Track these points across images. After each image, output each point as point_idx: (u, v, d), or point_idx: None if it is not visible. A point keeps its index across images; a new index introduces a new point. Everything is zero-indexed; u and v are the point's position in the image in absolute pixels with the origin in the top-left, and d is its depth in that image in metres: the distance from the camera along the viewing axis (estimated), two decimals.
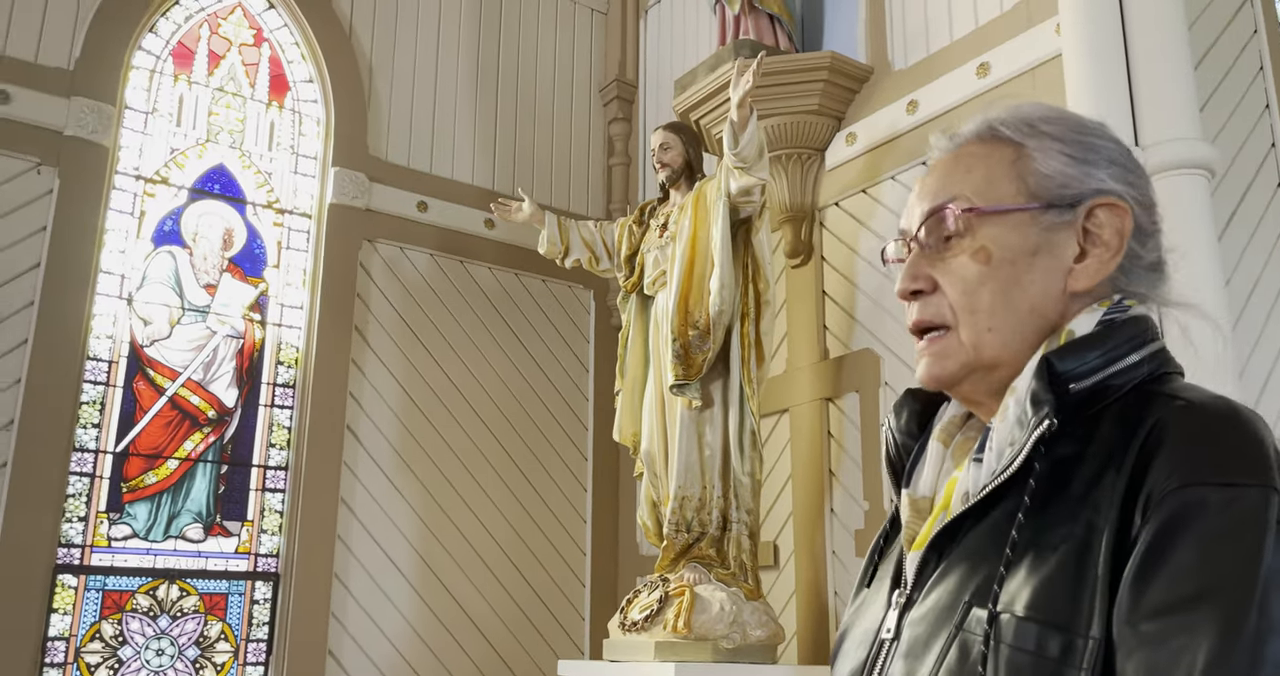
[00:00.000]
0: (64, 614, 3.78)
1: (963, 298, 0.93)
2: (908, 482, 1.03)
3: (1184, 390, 0.87)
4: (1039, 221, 0.93)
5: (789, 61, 4.29)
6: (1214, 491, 0.75)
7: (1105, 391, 0.87)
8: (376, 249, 4.78)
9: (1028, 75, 3.71)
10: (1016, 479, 0.86)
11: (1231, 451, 0.78)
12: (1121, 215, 0.93)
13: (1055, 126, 0.97)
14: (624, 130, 5.68)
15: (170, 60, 4.60)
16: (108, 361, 4.10)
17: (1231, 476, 0.75)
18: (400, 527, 4.51)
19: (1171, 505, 0.75)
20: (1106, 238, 0.93)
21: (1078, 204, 0.94)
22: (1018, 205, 0.93)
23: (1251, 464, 0.76)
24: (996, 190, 0.95)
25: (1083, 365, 0.87)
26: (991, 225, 0.94)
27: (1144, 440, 0.81)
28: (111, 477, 3.99)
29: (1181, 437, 0.79)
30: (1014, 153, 0.96)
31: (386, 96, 5.00)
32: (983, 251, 0.93)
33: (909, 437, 1.06)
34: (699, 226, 3.91)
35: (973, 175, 0.96)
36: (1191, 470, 0.76)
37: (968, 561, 0.87)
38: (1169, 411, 0.82)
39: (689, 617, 3.48)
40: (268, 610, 4.19)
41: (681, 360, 3.74)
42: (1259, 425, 0.80)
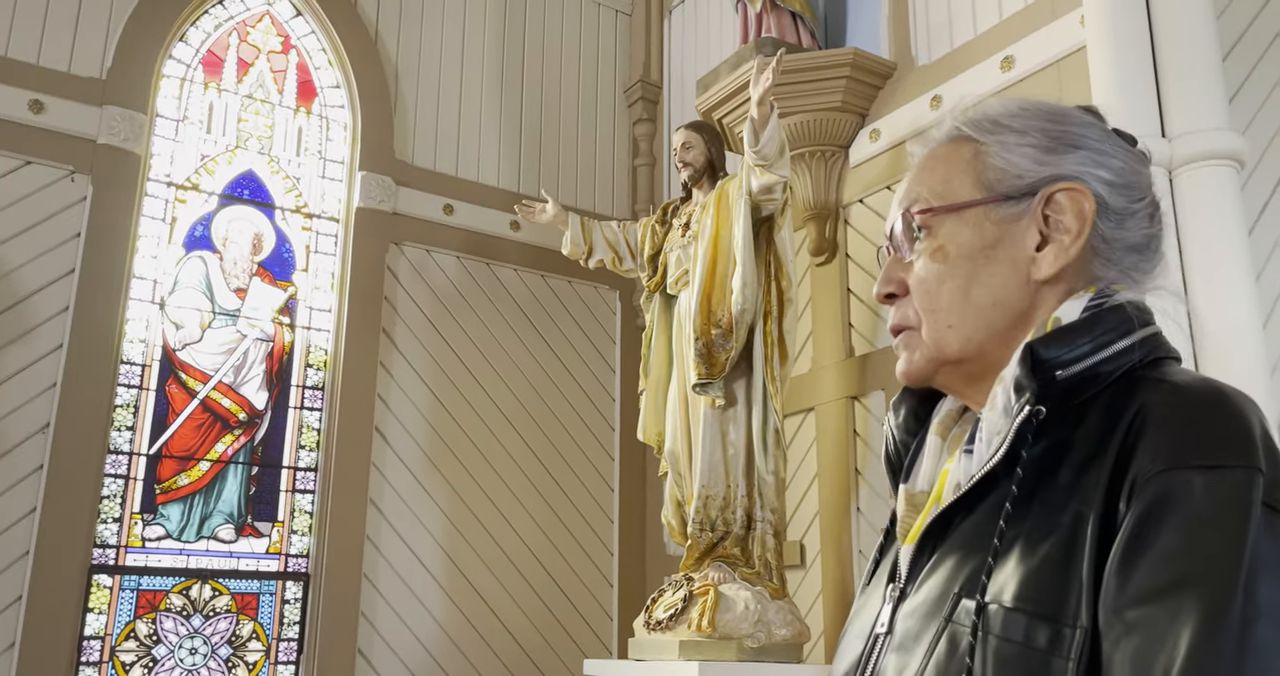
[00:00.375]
0: (99, 613, 3.86)
1: (924, 298, 0.95)
2: (906, 478, 1.03)
3: (1171, 374, 0.86)
4: (992, 214, 0.93)
5: (811, 58, 4.27)
6: (1197, 474, 0.74)
7: (1095, 378, 0.86)
8: (403, 252, 4.83)
9: (1052, 68, 3.67)
10: (1005, 469, 0.85)
11: (1215, 433, 0.77)
12: (1080, 197, 0.92)
13: (1019, 120, 0.97)
14: (648, 131, 5.68)
15: (200, 68, 4.67)
16: (141, 365, 4.17)
17: (1215, 458, 0.74)
18: (428, 528, 4.54)
19: (1155, 489, 0.74)
20: (1067, 223, 0.92)
21: (1034, 193, 0.93)
22: (969, 200, 0.94)
23: (1236, 445, 0.75)
24: (952, 189, 0.95)
25: (1069, 352, 0.86)
26: (948, 223, 0.94)
27: (1128, 425, 0.80)
28: (145, 479, 4.07)
29: (1165, 421, 0.78)
30: (972, 150, 0.96)
31: (412, 100, 5.04)
32: (940, 250, 0.94)
33: (907, 434, 1.06)
34: (721, 225, 3.90)
35: (933, 176, 0.97)
36: (1175, 453, 0.75)
37: (958, 553, 0.87)
38: (1153, 395, 0.81)
39: (713, 616, 3.47)
40: (298, 609, 4.24)
41: (704, 359, 3.74)
42: (1245, 406, 0.79)
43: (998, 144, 0.95)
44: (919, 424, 1.05)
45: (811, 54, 4.31)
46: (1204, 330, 2.94)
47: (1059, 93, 3.62)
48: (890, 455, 1.07)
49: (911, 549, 0.93)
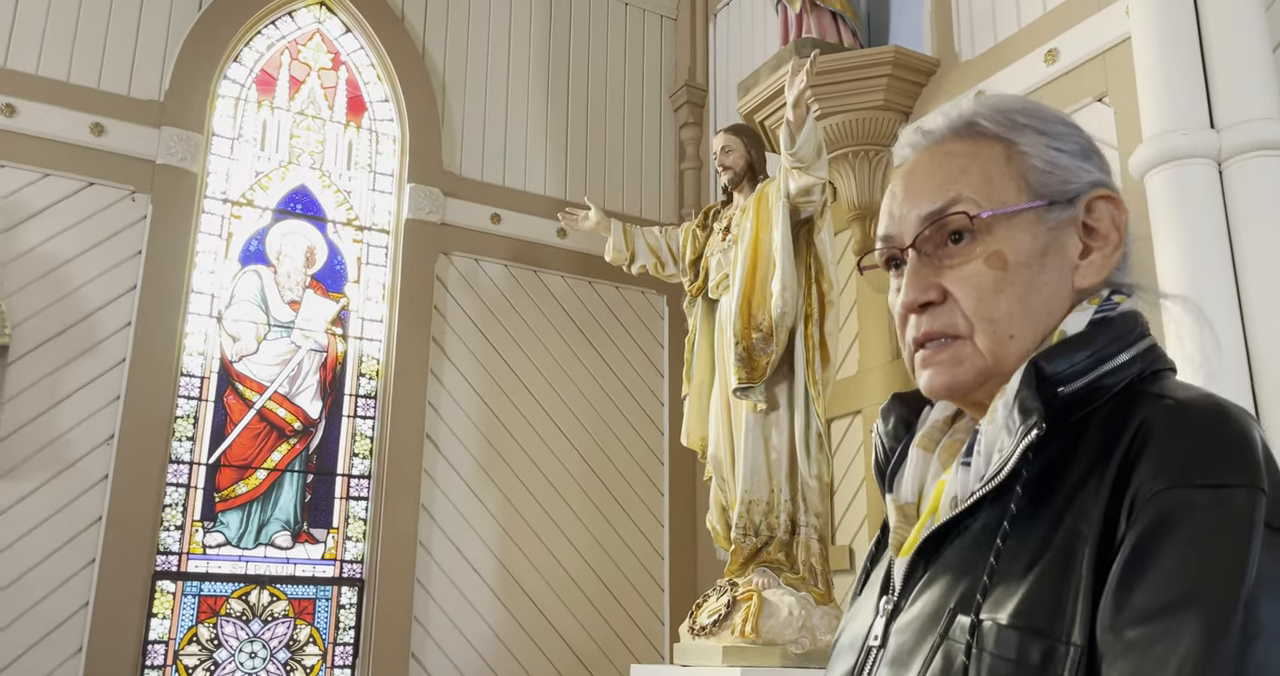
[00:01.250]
0: (163, 618, 4.00)
1: (980, 306, 0.89)
2: (890, 488, 1.01)
3: (1173, 389, 0.84)
4: (1045, 220, 0.90)
5: (852, 58, 4.24)
6: (1200, 493, 0.72)
7: (1096, 392, 0.84)
8: (452, 261, 4.90)
9: (1097, 60, 3.58)
10: (1004, 485, 0.84)
11: (1218, 451, 0.75)
12: (1118, 207, 0.91)
13: (1033, 118, 0.94)
14: (695, 134, 5.68)
15: (254, 87, 4.81)
16: (200, 377, 4.31)
17: (1217, 477, 0.73)
18: (479, 533, 4.61)
19: (1156, 507, 0.73)
20: (1105, 231, 0.91)
21: (1077, 198, 0.91)
22: (1025, 204, 0.90)
23: (1238, 463, 0.74)
24: (998, 190, 0.91)
25: (1071, 367, 0.85)
26: (1003, 227, 0.90)
27: (1129, 441, 0.78)
28: (205, 488, 4.20)
29: (1167, 438, 0.77)
30: (1004, 149, 0.93)
31: (459, 112, 5.12)
32: (997, 256, 0.89)
33: (895, 441, 1.04)
34: (760, 228, 3.88)
35: (969, 175, 0.92)
36: (1177, 471, 0.74)
37: (954, 568, 0.86)
38: (1155, 411, 0.80)
39: (756, 622, 3.46)
40: (354, 614, 4.34)
41: (745, 363, 3.72)
42: (1247, 423, 0.78)
43: (1029, 144, 0.92)
44: (907, 431, 1.03)
45: (852, 53, 4.27)
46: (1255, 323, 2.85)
47: (1104, 85, 3.54)
48: (879, 462, 1.05)
49: (906, 561, 0.92)
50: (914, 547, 0.91)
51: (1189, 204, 3.00)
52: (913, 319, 0.94)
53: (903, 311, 0.95)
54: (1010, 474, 0.83)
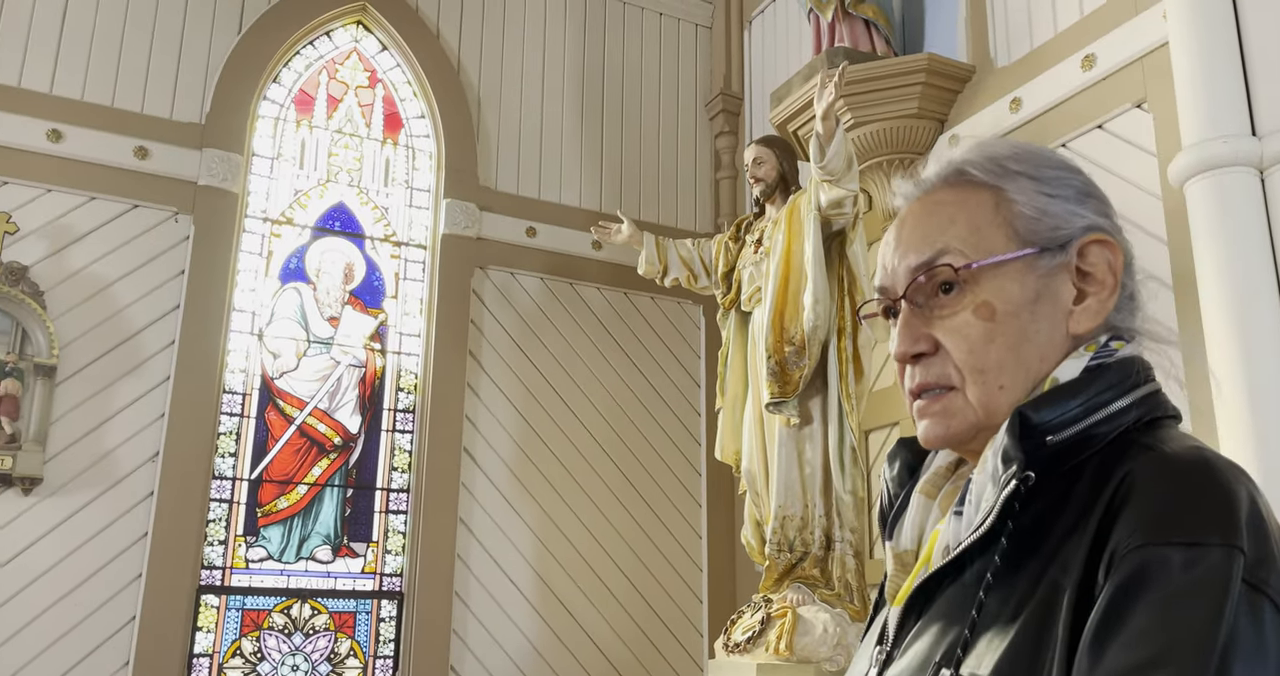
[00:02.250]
0: (207, 632, 4.07)
1: (970, 357, 0.89)
2: (891, 535, 1.00)
3: (1164, 440, 0.82)
4: (1036, 267, 0.89)
5: (884, 66, 4.19)
6: (1176, 550, 0.71)
7: (1089, 441, 0.83)
8: (488, 275, 4.94)
9: (1135, 65, 3.51)
10: (991, 536, 0.83)
11: (1197, 507, 0.74)
12: (1112, 250, 0.90)
13: (1024, 164, 0.93)
14: (730, 143, 5.66)
15: (292, 107, 4.89)
16: (241, 394, 4.39)
17: (1195, 535, 0.71)
18: (517, 546, 4.63)
19: (1132, 564, 0.72)
20: (1100, 275, 0.90)
21: (1068, 244, 0.90)
22: (1013, 253, 0.89)
23: (1217, 521, 0.72)
24: (986, 239, 0.90)
25: (1061, 415, 0.83)
26: (990, 277, 0.89)
27: (1112, 494, 0.77)
28: (247, 503, 4.28)
29: (1147, 492, 0.76)
30: (992, 196, 0.92)
31: (495, 126, 5.16)
32: (985, 306, 0.88)
33: (900, 487, 1.03)
34: (792, 241, 3.86)
35: (957, 225, 0.92)
36: (1155, 527, 0.73)
37: (941, 620, 0.86)
38: (1140, 463, 0.78)
39: (791, 639, 3.44)
40: (393, 627, 4.38)
41: (777, 377, 3.70)
42: (1231, 478, 0.76)
43: (1018, 190, 0.91)
44: (911, 476, 1.02)
45: (884, 61, 4.22)
46: None
47: (1143, 91, 3.46)
48: (883, 507, 1.04)
49: (899, 611, 0.92)
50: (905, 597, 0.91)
51: (1230, 214, 2.92)
52: (908, 369, 0.93)
53: (897, 363, 0.95)
54: (994, 525, 0.82)
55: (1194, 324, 3.02)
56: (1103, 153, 3.57)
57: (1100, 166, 3.56)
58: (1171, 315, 3.19)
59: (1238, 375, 2.79)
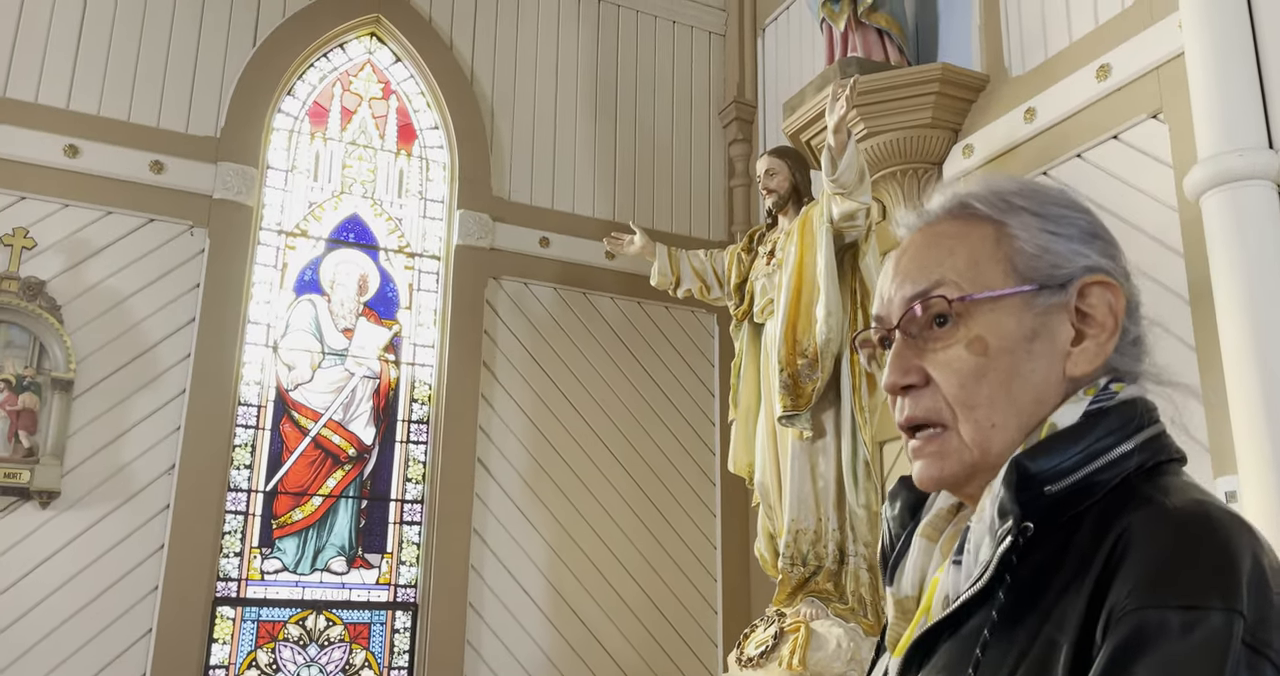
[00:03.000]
0: (223, 643, 4.10)
1: (960, 392, 0.87)
2: (891, 580, 0.99)
3: (1164, 489, 0.80)
4: (1033, 305, 0.88)
5: (897, 76, 4.17)
6: (1174, 614, 0.69)
7: (1090, 489, 0.81)
8: (502, 286, 4.95)
9: (1151, 76, 3.47)
10: (988, 591, 0.82)
11: (1196, 568, 0.72)
12: (1114, 292, 0.88)
13: (1029, 200, 0.92)
14: (744, 151, 5.65)
15: (306, 119, 4.91)
16: (256, 406, 4.41)
17: (1193, 597, 0.70)
18: (531, 556, 4.63)
19: (1130, 626, 0.70)
20: (1100, 317, 0.88)
21: (1068, 283, 0.88)
22: (1010, 289, 0.88)
23: (1217, 583, 0.71)
24: (984, 273, 0.89)
25: (1061, 463, 0.81)
26: (985, 312, 0.87)
27: (1110, 550, 0.76)
28: (262, 515, 4.30)
29: (1145, 548, 0.74)
30: (994, 231, 0.90)
31: (508, 137, 5.16)
32: (979, 341, 0.87)
33: (902, 528, 1.02)
34: (805, 253, 3.85)
35: (955, 258, 0.90)
36: (1153, 589, 0.71)
37: (942, 673, 0.84)
38: (1138, 517, 0.77)
39: (804, 654, 3.42)
40: (408, 638, 4.40)
41: (790, 390, 3.69)
42: (1233, 536, 0.74)
43: (1021, 226, 0.90)
44: (913, 517, 1.00)
45: (897, 71, 4.20)
46: None
47: (1159, 102, 3.42)
48: (885, 551, 1.03)
49: (899, 663, 0.91)
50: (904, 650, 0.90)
51: (1246, 228, 2.89)
52: (898, 401, 0.92)
53: (887, 394, 0.93)
54: (990, 580, 0.81)
55: (1210, 337, 2.99)
56: (1118, 164, 3.54)
57: (1116, 177, 3.53)
58: (1188, 329, 3.16)
59: (1254, 388, 2.76)
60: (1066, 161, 3.73)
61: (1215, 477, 3.00)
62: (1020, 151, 3.94)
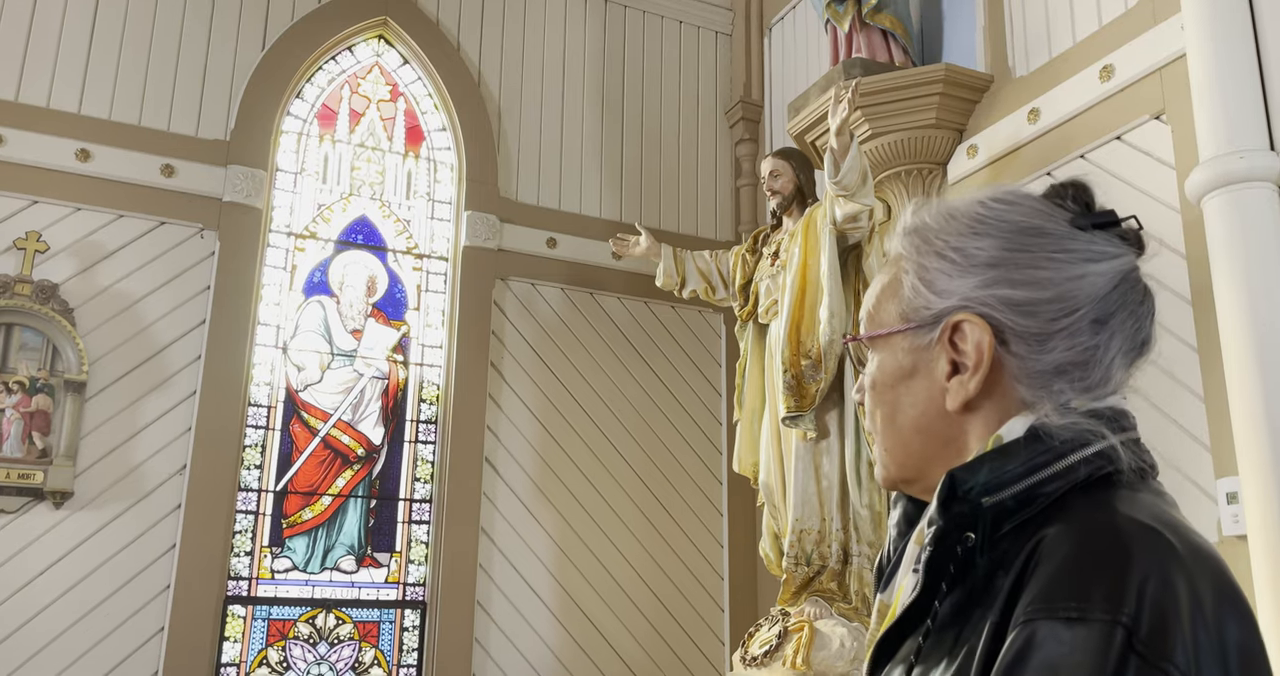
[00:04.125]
0: (234, 642, 4.15)
1: (868, 419, 0.98)
2: (884, 586, 1.02)
3: (1094, 503, 0.81)
4: (909, 343, 0.92)
5: (901, 77, 4.18)
6: (1061, 625, 0.71)
7: (1034, 499, 0.82)
8: (509, 286, 4.98)
9: (1154, 76, 3.47)
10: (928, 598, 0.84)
11: (1087, 577, 0.73)
12: (979, 329, 0.87)
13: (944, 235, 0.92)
14: (751, 150, 5.66)
15: (315, 122, 4.95)
16: (266, 407, 4.46)
17: (1081, 609, 0.71)
18: (538, 555, 4.67)
19: (1021, 636, 0.73)
20: (967, 352, 0.88)
21: (938, 322, 0.90)
22: (893, 328, 0.93)
23: (1104, 593, 0.72)
24: (882, 313, 0.95)
25: (997, 476, 0.83)
26: (880, 349, 0.95)
27: (1024, 560, 0.78)
28: (273, 514, 4.35)
29: (1049, 559, 0.76)
30: (900, 271, 0.94)
31: (515, 138, 5.19)
32: (870, 376, 0.96)
33: (901, 536, 1.04)
34: (809, 254, 3.87)
35: (871, 297, 0.98)
36: (1045, 598, 0.73)
37: None
38: (1056, 529, 0.79)
39: (808, 653, 3.45)
40: (417, 636, 4.44)
41: (794, 391, 3.71)
42: (1135, 546, 0.74)
43: (915, 266, 0.92)
44: (910, 526, 1.03)
45: (901, 72, 4.21)
46: None
47: (1161, 103, 3.43)
48: (882, 560, 1.06)
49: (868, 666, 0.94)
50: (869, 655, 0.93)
51: (1248, 230, 2.89)
52: None
53: None
54: (923, 588, 0.83)
55: (1212, 338, 3.00)
56: (1121, 165, 3.54)
57: (1119, 178, 3.53)
58: (1190, 330, 3.16)
59: (1255, 390, 2.77)
60: (1070, 162, 3.74)
61: (1216, 478, 3.01)
62: (1024, 152, 3.94)
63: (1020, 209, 0.92)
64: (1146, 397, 1.02)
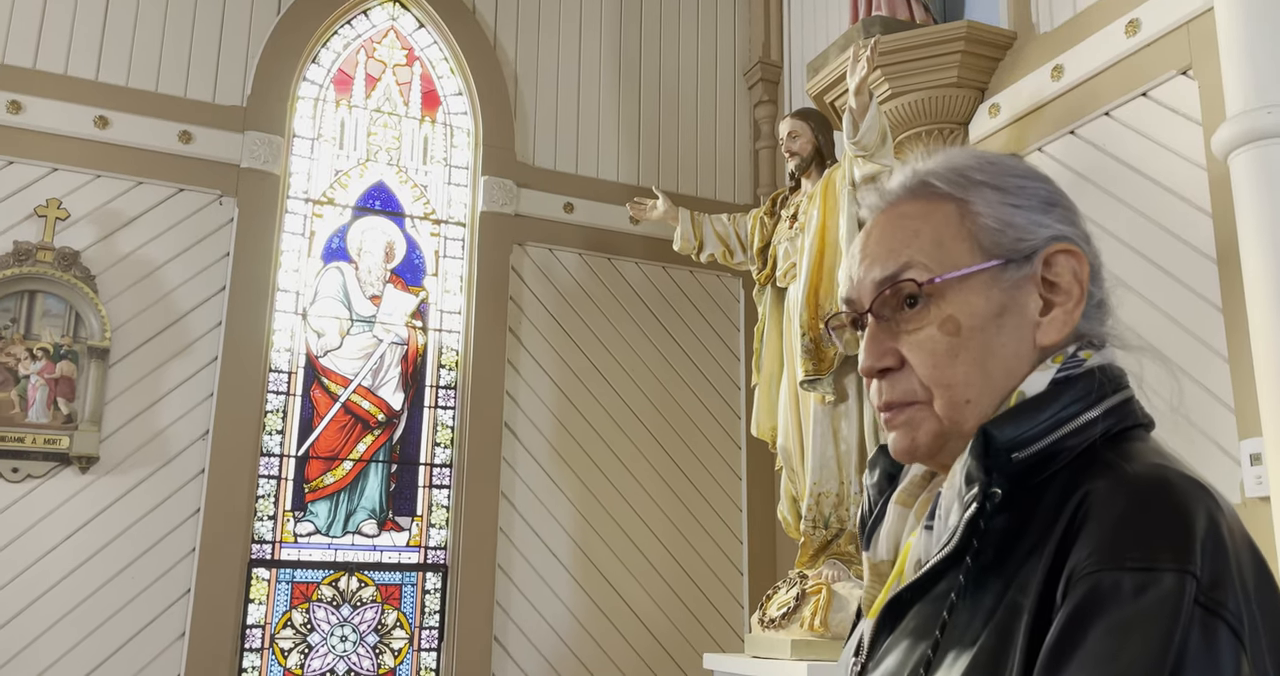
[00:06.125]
0: (259, 604, 4.21)
1: (935, 372, 0.88)
2: (868, 545, 1.01)
3: (1127, 455, 0.82)
4: (1000, 280, 0.89)
5: (921, 35, 4.10)
6: (1128, 576, 0.71)
7: (1057, 455, 0.83)
8: (527, 252, 4.97)
9: (1181, 31, 3.39)
10: (956, 556, 0.84)
11: (1151, 530, 0.73)
12: (1078, 259, 0.89)
13: (987, 174, 0.93)
14: (770, 112, 5.60)
15: (331, 87, 4.93)
16: (287, 372, 4.49)
17: (1148, 559, 0.71)
18: (558, 519, 4.70)
19: (1085, 588, 0.72)
20: (1066, 285, 0.89)
21: (1033, 255, 0.89)
22: (977, 266, 0.89)
23: (1171, 545, 0.72)
24: (950, 252, 0.90)
25: (1028, 430, 0.83)
26: (954, 291, 0.89)
27: (1071, 514, 0.77)
28: (295, 479, 4.39)
29: (1104, 513, 0.76)
30: (956, 208, 0.91)
31: (531, 102, 5.16)
32: (950, 321, 0.88)
33: (880, 495, 1.04)
34: (827, 216, 3.83)
35: (921, 239, 0.91)
36: (1109, 551, 0.73)
37: (910, 638, 0.87)
38: (1101, 482, 0.78)
39: (825, 615, 3.47)
40: (438, 599, 4.49)
41: (812, 355, 3.69)
42: (1190, 500, 0.75)
43: (983, 202, 0.91)
44: (891, 484, 1.02)
45: (922, 30, 4.13)
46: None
47: (1188, 58, 3.35)
48: (864, 516, 1.05)
49: (872, 625, 0.93)
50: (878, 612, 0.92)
51: (1276, 188, 2.82)
52: (875, 384, 0.94)
53: (865, 377, 0.95)
54: (958, 545, 0.82)
55: (1238, 298, 2.95)
56: (1146, 122, 3.47)
57: (1144, 136, 3.47)
58: (1215, 290, 3.12)
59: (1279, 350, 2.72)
60: (1094, 120, 3.67)
61: (1240, 440, 2.98)
62: (1047, 110, 3.87)
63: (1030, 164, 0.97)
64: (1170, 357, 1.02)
